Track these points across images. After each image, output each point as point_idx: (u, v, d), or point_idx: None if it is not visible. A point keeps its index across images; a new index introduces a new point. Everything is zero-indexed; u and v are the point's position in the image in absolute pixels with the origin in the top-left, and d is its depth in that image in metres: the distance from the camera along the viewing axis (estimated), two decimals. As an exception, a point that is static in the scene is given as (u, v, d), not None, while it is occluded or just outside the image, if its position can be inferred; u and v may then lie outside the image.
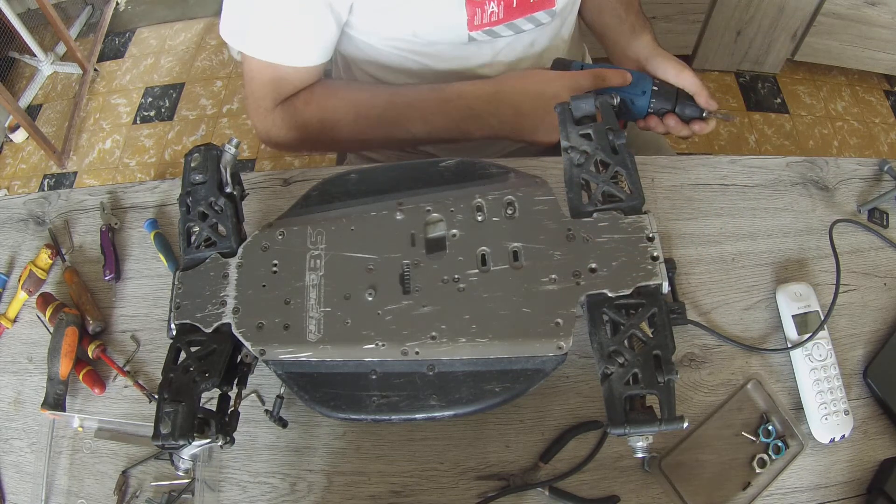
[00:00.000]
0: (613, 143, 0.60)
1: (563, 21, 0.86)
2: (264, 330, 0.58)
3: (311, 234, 0.61)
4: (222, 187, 0.64)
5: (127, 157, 2.04)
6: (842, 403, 0.64)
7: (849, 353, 0.69)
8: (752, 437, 0.65)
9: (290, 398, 0.65)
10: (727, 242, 0.75)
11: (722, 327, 0.70)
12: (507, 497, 0.63)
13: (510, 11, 0.76)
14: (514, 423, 0.67)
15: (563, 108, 0.63)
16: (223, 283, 0.60)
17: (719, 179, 0.79)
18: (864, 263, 0.74)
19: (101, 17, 2.36)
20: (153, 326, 0.75)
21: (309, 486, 0.66)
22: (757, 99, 1.95)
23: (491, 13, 0.75)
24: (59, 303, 0.76)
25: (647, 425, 0.49)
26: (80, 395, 0.73)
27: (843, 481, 0.64)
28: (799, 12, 1.71)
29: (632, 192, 0.59)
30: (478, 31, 0.77)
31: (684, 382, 0.68)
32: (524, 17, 0.78)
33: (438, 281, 0.58)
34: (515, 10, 0.77)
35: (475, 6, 0.74)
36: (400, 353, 0.55)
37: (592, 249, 0.57)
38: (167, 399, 0.55)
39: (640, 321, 0.53)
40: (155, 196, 0.84)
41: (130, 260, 0.80)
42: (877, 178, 0.80)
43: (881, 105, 1.95)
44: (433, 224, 0.61)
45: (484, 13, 0.75)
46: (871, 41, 1.77)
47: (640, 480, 0.64)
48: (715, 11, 1.74)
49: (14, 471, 0.69)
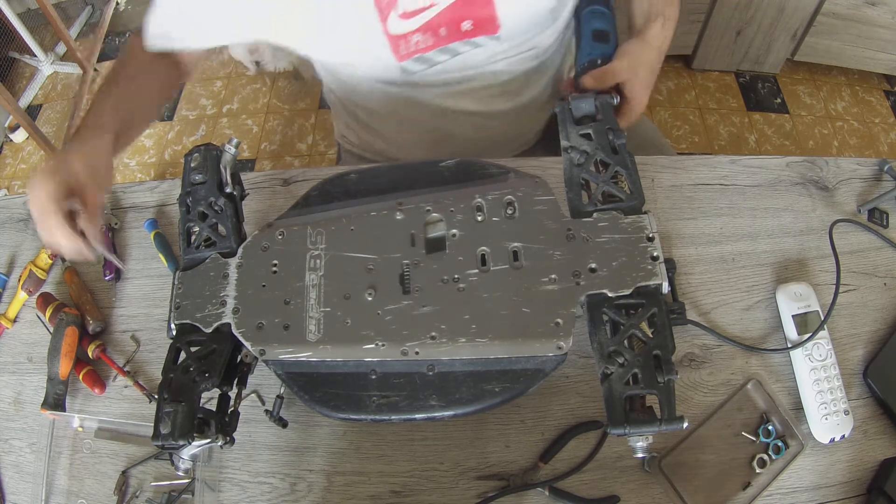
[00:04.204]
0: (613, 143, 0.60)
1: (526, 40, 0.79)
2: (264, 330, 0.58)
3: (311, 234, 0.61)
4: (222, 187, 0.64)
5: (127, 157, 2.03)
6: (842, 403, 0.64)
7: (849, 353, 0.69)
8: (752, 437, 0.65)
9: (290, 398, 0.65)
10: (727, 242, 0.75)
11: (722, 327, 0.70)
12: (507, 497, 0.63)
13: (439, 40, 0.74)
14: (514, 423, 0.67)
15: (562, 107, 0.63)
16: (223, 283, 0.60)
17: (719, 179, 0.79)
18: (864, 263, 0.74)
19: (101, 17, 2.36)
20: (153, 326, 0.75)
21: (309, 486, 0.66)
22: (757, 99, 1.95)
23: (416, 42, 0.73)
24: (59, 303, 0.76)
25: (647, 425, 0.49)
26: (80, 395, 0.73)
27: (843, 481, 0.64)
28: (799, 12, 1.71)
29: (632, 192, 0.59)
30: (407, 61, 0.75)
31: (684, 382, 0.68)
32: (459, 42, 0.75)
33: (438, 281, 0.58)
34: (445, 38, 0.74)
35: (398, 39, 0.72)
36: (400, 353, 0.55)
37: (592, 249, 0.57)
38: (167, 399, 0.55)
39: (640, 321, 0.53)
40: (155, 196, 0.84)
41: (130, 260, 0.80)
42: (877, 178, 0.80)
43: (881, 105, 1.95)
44: (433, 224, 0.61)
45: (409, 43, 0.73)
46: (871, 41, 1.77)
47: (640, 480, 0.64)
48: (715, 11, 1.74)
49: (14, 471, 0.69)
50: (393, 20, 0.70)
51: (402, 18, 0.70)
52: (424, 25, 0.71)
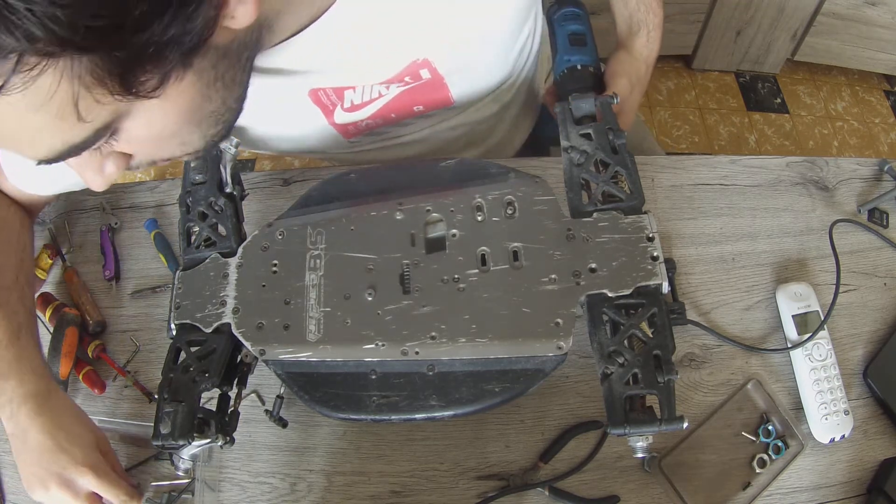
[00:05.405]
0: (613, 143, 0.60)
1: (485, 103, 0.76)
2: (264, 330, 0.58)
3: (311, 234, 0.61)
4: (222, 187, 0.64)
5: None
6: (842, 403, 0.64)
7: (849, 353, 0.69)
8: (752, 437, 0.65)
9: (290, 398, 0.65)
10: (727, 242, 0.75)
11: (722, 327, 0.70)
12: (507, 497, 0.63)
13: (389, 121, 0.71)
14: (514, 423, 0.67)
15: (563, 107, 0.63)
16: (223, 283, 0.60)
17: (719, 179, 0.79)
18: (864, 263, 0.74)
19: None
20: (153, 326, 0.75)
21: (309, 486, 0.66)
22: (757, 99, 1.95)
23: (366, 125, 0.71)
24: (59, 303, 0.76)
25: (647, 425, 0.49)
26: (80, 395, 0.73)
27: (843, 481, 0.64)
28: (799, 12, 1.71)
29: (632, 192, 0.59)
30: (357, 137, 0.73)
31: (684, 382, 0.68)
32: (411, 119, 0.72)
33: (438, 281, 0.58)
34: (395, 119, 0.71)
35: (345, 126, 0.70)
36: (400, 353, 0.55)
37: (592, 249, 0.57)
38: (167, 399, 0.55)
39: (640, 321, 0.53)
40: (155, 196, 0.84)
41: (130, 260, 0.80)
42: (877, 178, 0.80)
43: (881, 105, 1.95)
44: (433, 224, 0.61)
45: (358, 126, 0.71)
46: (871, 41, 1.77)
47: (640, 480, 0.64)
48: (715, 11, 1.74)
49: (14, 471, 0.69)
50: (338, 113, 0.68)
51: (347, 111, 0.68)
52: (373, 115, 0.69)
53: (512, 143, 0.90)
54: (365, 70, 0.63)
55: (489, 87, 0.73)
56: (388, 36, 0.59)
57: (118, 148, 0.45)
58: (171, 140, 0.46)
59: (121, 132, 0.42)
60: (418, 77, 0.65)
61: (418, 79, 0.65)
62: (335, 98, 0.65)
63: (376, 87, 0.65)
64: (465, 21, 0.62)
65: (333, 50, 0.58)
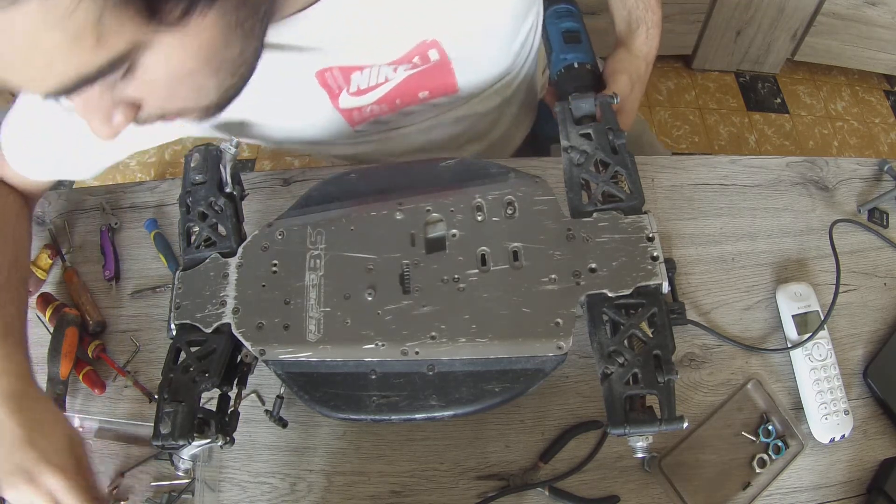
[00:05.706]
0: (613, 143, 0.60)
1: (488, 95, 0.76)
2: (264, 330, 0.58)
3: (311, 233, 0.61)
4: (222, 187, 0.64)
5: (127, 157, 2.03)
6: (842, 403, 0.64)
7: (849, 353, 0.69)
8: (752, 437, 0.65)
9: (290, 398, 0.65)
10: (727, 242, 0.75)
11: (722, 327, 0.70)
12: (507, 497, 0.63)
13: (394, 107, 0.72)
14: (514, 423, 0.67)
15: (563, 107, 0.63)
16: (223, 283, 0.60)
17: (719, 179, 0.79)
18: (864, 263, 0.74)
19: None
20: (153, 326, 0.75)
21: (309, 486, 0.66)
22: (757, 99, 1.95)
23: (371, 111, 0.71)
24: (59, 303, 0.76)
25: (647, 425, 0.49)
26: (80, 395, 0.73)
27: (843, 481, 0.64)
28: (799, 12, 1.71)
29: (632, 192, 0.59)
30: (362, 125, 0.73)
31: (684, 382, 0.68)
32: (416, 106, 0.73)
33: (438, 281, 0.58)
34: (399, 105, 0.71)
35: (350, 111, 0.70)
36: (400, 353, 0.55)
37: (592, 249, 0.57)
38: (167, 399, 0.55)
39: (640, 321, 0.53)
40: (155, 196, 0.84)
41: (130, 260, 0.80)
42: (877, 178, 0.80)
43: (881, 105, 1.95)
44: (433, 224, 0.61)
45: (363, 112, 0.71)
46: (871, 41, 1.77)
47: (640, 480, 0.64)
48: (715, 11, 1.74)
49: (14, 471, 0.69)
50: (344, 97, 0.68)
51: (353, 96, 0.68)
52: (378, 99, 0.69)
53: (513, 139, 0.91)
54: (374, 47, 0.63)
55: (492, 77, 0.73)
56: (397, 11, 0.60)
57: (129, 92, 0.43)
58: (186, 83, 0.45)
59: (136, 69, 0.41)
60: (427, 59, 0.65)
61: (427, 61, 0.65)
62: (342, 81, 0.65)
63: (383, 71, 0.66)
64: (469, 14, 0.63)
65: (343, 25, 0.58)
